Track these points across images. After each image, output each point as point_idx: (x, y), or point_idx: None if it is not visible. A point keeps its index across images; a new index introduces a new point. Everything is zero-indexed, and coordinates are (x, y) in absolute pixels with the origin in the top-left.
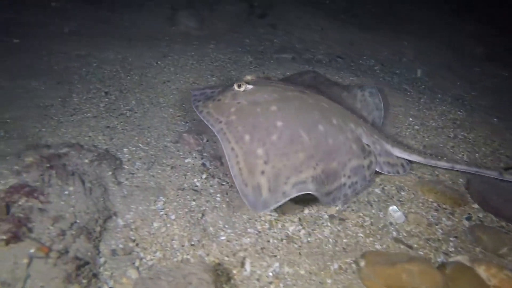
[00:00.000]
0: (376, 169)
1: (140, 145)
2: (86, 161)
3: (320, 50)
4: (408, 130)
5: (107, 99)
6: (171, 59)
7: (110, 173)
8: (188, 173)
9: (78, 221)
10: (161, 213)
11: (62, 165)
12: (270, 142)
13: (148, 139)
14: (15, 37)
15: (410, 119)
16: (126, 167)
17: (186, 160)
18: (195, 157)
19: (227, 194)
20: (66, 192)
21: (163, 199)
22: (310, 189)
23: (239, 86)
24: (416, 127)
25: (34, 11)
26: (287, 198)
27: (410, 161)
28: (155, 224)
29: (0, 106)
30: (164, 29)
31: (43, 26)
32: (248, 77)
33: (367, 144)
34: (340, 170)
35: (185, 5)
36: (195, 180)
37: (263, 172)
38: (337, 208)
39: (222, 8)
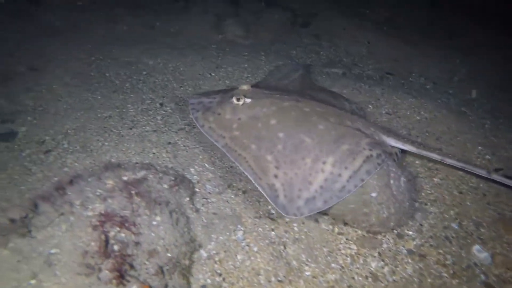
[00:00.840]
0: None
1: (206, 164)
2: (166, 186)
3: (369, 65)
4: (479, 159)
5: (163, 111)
6: (224, 70)
7: (188, 199)
8: (261, 199)
9: (169, 254)
10: (243, 244)
11: (147, 192)
12: (277, 151)
13: (212, 158)
14: None
15: (480, 147)
16: (197, 190)
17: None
18: None
19: (303, 223)
20: (155, 223)
21: (242, 228)
22: (319, 206)
23: (237, 100)
24: (487, 156)
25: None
26: (301, 216)
27: (403, 151)
28: (239, 257)
29: (59, 115)
30: (210, 37)
31: (91, 30)
32: (244, 87)
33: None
34: (355, 148)
35: (230, 13)
36: (269, 207)
37: (276, 176)
38: (414, 242)
39: (266, 16)
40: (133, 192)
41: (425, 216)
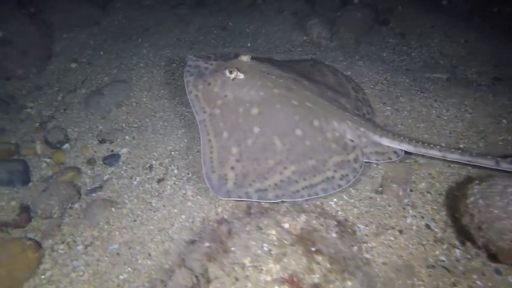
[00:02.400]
0: (365, 160)
1: (344, 196)
2: (334, 235)
3: (471, 68)
4: None
5: None
6: None
7: (356, 248)
8: (423, 241)
9: None
10: None
11: (325, 247)
12: (245, 145)
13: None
14: None
15: None
16: (349, 230)
17: (408, 221)
18: (414, 216)
19: (484, 275)
20: None
21: (419, 282)
22: (270, 198)
23: (230, 73)
24: None
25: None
26: (248, 200)
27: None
28: None
29: (159, 134)
30: (293, 38)
31: (163, 32)
32: (243, 58)
33: (351, 140)
34: (320, 166)
35: (306, 11)
36: (437, 252)
37: (233, 168)
38: None
39: (347, 14)
40: (312, 249)
41: None
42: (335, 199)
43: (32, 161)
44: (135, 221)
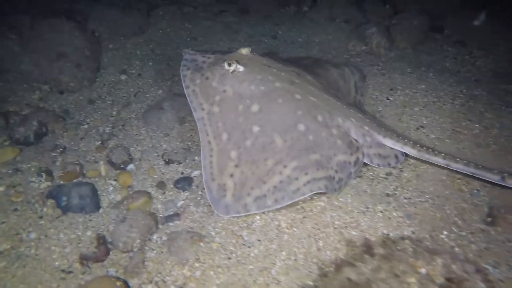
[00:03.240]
0: (366, 161)
1: (454, 228)
2: (482, 285)
3: None
4: None
5: None
6: (400, 92)
7: None
8: None
9: None
10: None
11: None
12: (244, 147)
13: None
14: None
15: None
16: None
17: None
18: None
19: None
20: None
21: None
22: (269, 205)
23: (229, 65)
24: None
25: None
26: (247, 213)
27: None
28: None
29: None
30: (349, 48)
31: (214, 41)
32: (243, 51)
33: (355, 139)
34: (325, 162)
35: (360, 19)
36: None
37: (232, 175)
38: None
39: (403, 22)
40: None
41: None
42: (445, 232)
43: (98, 184)
44: (229, 258)
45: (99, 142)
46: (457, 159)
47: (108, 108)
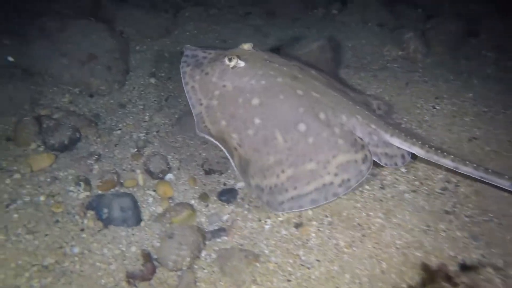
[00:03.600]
0: (375, 160)
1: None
2: None
3: None
4: None
5: None
6: (447, 101)
7: None
8: None
9: None
10: None
11: None
12: (245, 134)
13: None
14: None
15: None
16: None
17: None
18: None
19: None
20: None
21: None
22: (263, 200)
23: (229, 60)
24: None
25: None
26: (250, 191)
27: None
28: None
29: None
30: (384, 53)
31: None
32: (245, 46)
33: (360, 137)
34: (320, 170)
35: (393, 23)
36: None
37: (236, 149)
38: None
39: (439, 27)
40: None
41: None
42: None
43: (137, 195)
44: (289, 280)
45: (135, 149)
46: (467, 162)
47: (140, 113)
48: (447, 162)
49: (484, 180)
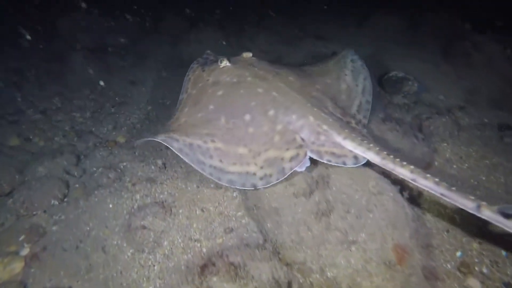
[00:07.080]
0: (315, 157)
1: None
2: None
3: None
4: None
5: None
6: None
7: None
8: None
9: None
10: None
11: None
12: (195, 115)
13: None
14: None
15: None
16: None
17: None
18: None
19: None
20: None
21: None
22: (185, 153)
23: (220, 62)
24: None
25: None
26: (172, 140)
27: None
28: None
29: None
30: None
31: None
32: (245, 54)
33: (301, 137)
34: (249, 158)
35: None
36: None
37: (180, 124)
38: None
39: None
40: None
41: None
42: None
43: None
44: None
45: None
46: (428, 175)
47: None
48: (404, 172)
49: (445, 199)
